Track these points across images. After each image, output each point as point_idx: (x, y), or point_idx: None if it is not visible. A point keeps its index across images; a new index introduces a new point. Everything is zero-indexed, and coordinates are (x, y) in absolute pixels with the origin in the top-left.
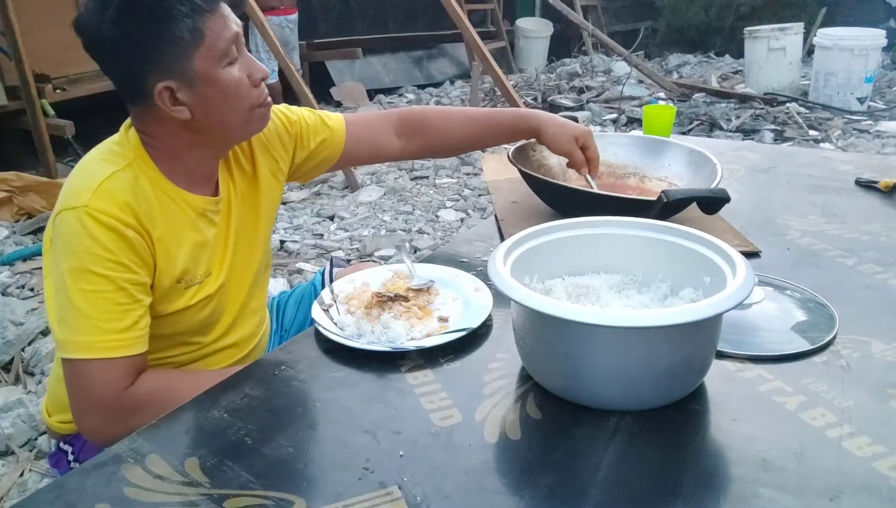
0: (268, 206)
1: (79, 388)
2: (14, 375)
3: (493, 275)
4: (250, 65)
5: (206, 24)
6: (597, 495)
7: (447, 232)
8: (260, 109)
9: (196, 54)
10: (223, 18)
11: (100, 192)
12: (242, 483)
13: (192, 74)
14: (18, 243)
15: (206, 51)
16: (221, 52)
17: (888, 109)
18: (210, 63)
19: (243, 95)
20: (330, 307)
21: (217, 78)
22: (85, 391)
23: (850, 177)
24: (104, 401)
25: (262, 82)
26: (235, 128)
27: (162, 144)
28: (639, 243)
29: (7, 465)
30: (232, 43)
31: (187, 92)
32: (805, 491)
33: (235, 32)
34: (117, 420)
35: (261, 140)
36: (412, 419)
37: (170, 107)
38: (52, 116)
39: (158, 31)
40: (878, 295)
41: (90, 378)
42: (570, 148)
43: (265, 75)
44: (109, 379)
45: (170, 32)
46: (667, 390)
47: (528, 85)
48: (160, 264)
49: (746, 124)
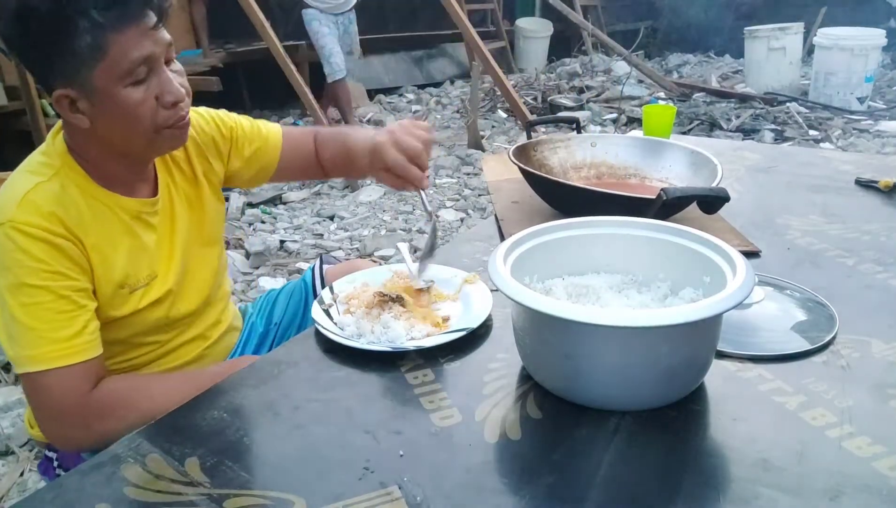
0: (213, 205)
1: (39, 401)
2: (14, 375)
3: (493, 275)
4: (163, 85)
5: (109, 41)
6: (597, 495)
7: (447, 232)
8: (169, 131)
9: (97, 68)
10: (136, 36)
11: (24, 204)
12: (242, 482)
13: (91, 87)
14: None
15: (108, 67)
16: (124, 72)
17: (888, 108)
18: (111, 80)
19: (144, 116)
20: (330, 307)
21: (116, 96)
22: (46, 403)
23: (850, 177)
24: (68, 409)
25: (174, 106)
26: (139, 145)
27: (83, 150)
28: (639, 242)
29: (7, 465)
30: (140, 64)
31: (86, 103)
32: (805, 491)
33: (149, 53)
34: (84, 425)
35: (195, 142)
36: (412, 419)
37: (69, 114)
38: (53, 116)
39: (55, 41)
40: (878, 295)
41: (48, 389)
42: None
43: (178, 98)
44: (68, 387)
45: (67, 44)
46: (667, 390)
47: (528, 85)
48: (97, 271)
49: (746, 124)
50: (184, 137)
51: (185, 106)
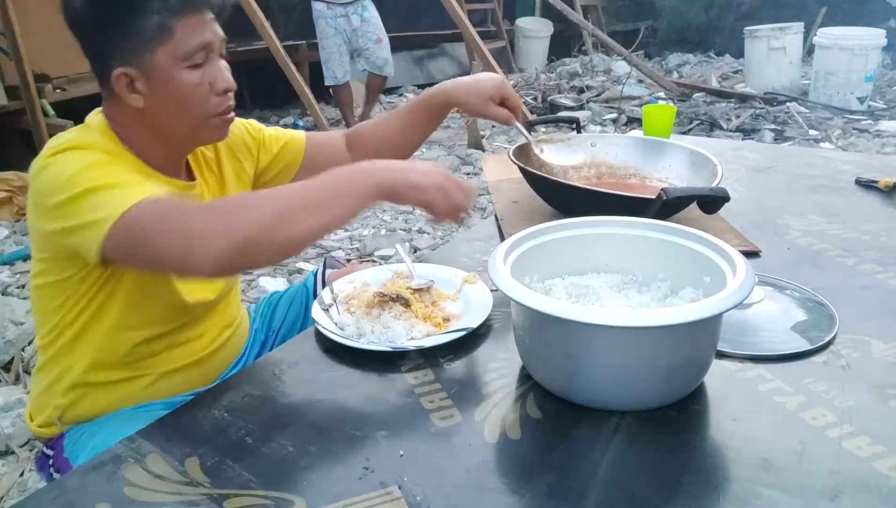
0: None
1: (159, 215)
2: (14, 375)
3: (493, 275)
4: (217, 73)
5: (176, 24)
6: (597, 495)
7: (447, 232)
8: (216, 119)
9: (159, 50)
10: (198, 23)
11: (79, 133)
12: (242, 482)
13: (152, 67)
14: (19, 243)
15: (170, 49)
16: (185, 54)
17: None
18: (171, 61)
19: (198, 99)
20: (330, 307)
21: (174, 76)
22: (166, 211)
23: (851, 177)
24: (184, 212)
25: (225, 93)
26: (186, 129)
27: (126, 133)
28: (639, 242)
29: (7, 465)
30: (200, 49)
31: (144, 82)
32: (805, 491)
33: (208, 41)
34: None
35: (226, 143)
36: (412, 419)
37: (126, 93)
38: (52, 116)
39: (126, 20)
40: (878, 295)
41: (158, 211)
42: (485, 109)
43: (229, 86)
44: (171, 203)
45: (137, 24)
46: (667, 390)
47: (529, 85)
48: None
49: (746, 124)
50: (226, 130)
51: (231, 97)
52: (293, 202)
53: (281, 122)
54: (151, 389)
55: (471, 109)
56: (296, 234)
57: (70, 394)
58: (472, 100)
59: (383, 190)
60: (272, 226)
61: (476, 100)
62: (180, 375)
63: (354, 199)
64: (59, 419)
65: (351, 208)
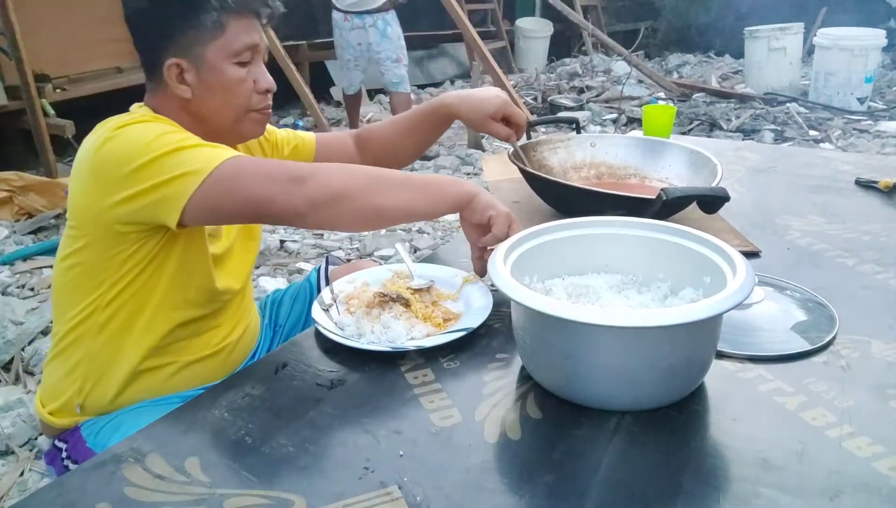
0: None
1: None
2: (14, 374)
3: (493, 275)
4: (260, 74)
5: (229, 22)
6: (597, 495)
7: (447, 232)
8: (255, 114)
9: (212, 44)
10: (249, 25)
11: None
12: (242, 482)
13: (202, 60)
14: (19, 243)
15: (222, 44)
16: (235, 51)
17: (888, 109)
18: (221, 55)
19: (242, 94)
20: (330, 307)
21: (223, 70)
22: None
23: (850, 177)
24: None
25: (266, 92)
26: (228, 121)
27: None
28: (639, 243)
29: (7, 465)
30: (248, 49)
31: (193, 74)
32: (805, 491)
33: (256, 43)
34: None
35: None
36: (412, 419)
37: (175, 83)
38: (53, 116)
39: (186, 14)
40: (878, 295)
41: (254, 161)
42: (486, 126)
43: (270, 87)
44: (258, 161)
45: (196, 18)
46: (667, 390)
47: (528, 85)
48: None
49: (746, 124)
50: (263, 126)
51: (270, 97)
52: (393, 177)
53: (281, 122)
54: (172, 381)
55: (471, 123)
56: (386, 203)
57: (90, 383)
58: (474, 116)
59: (465, 200)
60: (369, 186)
61: (477, 116)
62: (200, 366)
63: (444, 197)
64: (81, 405)
65: (438, 204)
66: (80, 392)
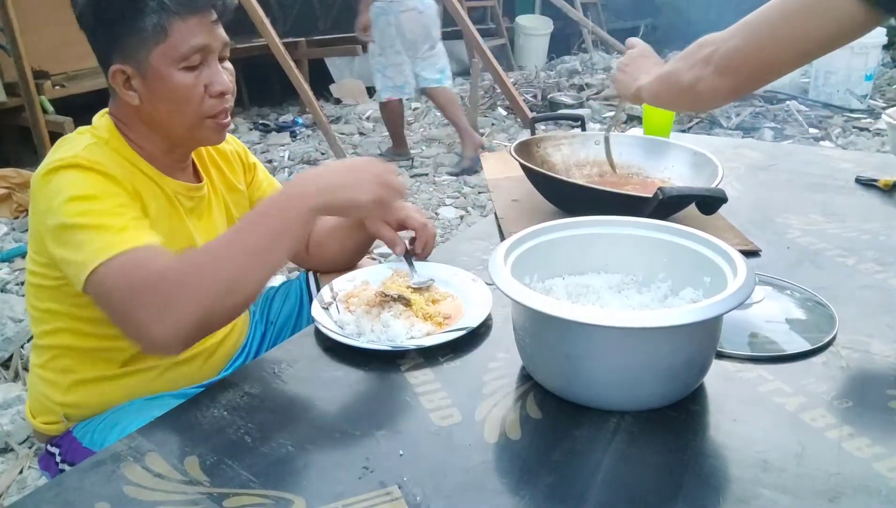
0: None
1: (128, 284)
2: (13, 372)
3: (493, 274)
4: (213, 76)
5: (172, 25)
6: (597, 495)
7: (447, 230)
8: (211, 121)
9: (155, 50)
10: (196, 26)
11: (86, 151)
12: (242, 481)
13: (147, 66)
14: (17, 240)
15: (166, 49)
16: (180, 56)
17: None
18: (166, 61)
19: (192, 100)
20: (330, 306)
21: (169, 77)
22: (135, 280)
23: (850, 175)
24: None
25: (221, 95)
26: (182, 128)
27: (129, 128)
28: (639, 242)
29: (6, 462)
30: (196, 52)
31: (139, 81)
32: (805, 492)
33: (205, 44)
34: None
35: (238, 158)
36: (412, 419)
37: (123, 90)
38: (51, 112)
39: (124, 18)
40: (878, 295)
41: (136, 261)
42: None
43: (224, 89)
44: (153, 254)
45: (135, 22)
46: (667, 390)
47: (528, 82)
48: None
49: (746, 122)
50: (222, 134)
51: (229, 100)
52: (235, 263)
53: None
54: (158, 382)
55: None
56: (248, 291)
57: (76, 391)
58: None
59: (321, 211)
60: (224, 295)
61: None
62: (186, 366)
63: (294, 232)
64: (67, 417)
65: (293, 243)
66: (63, 405)
